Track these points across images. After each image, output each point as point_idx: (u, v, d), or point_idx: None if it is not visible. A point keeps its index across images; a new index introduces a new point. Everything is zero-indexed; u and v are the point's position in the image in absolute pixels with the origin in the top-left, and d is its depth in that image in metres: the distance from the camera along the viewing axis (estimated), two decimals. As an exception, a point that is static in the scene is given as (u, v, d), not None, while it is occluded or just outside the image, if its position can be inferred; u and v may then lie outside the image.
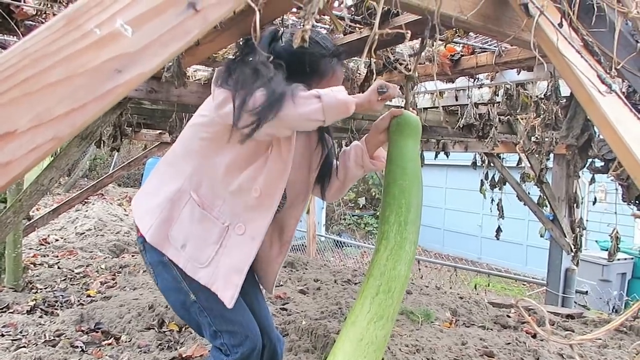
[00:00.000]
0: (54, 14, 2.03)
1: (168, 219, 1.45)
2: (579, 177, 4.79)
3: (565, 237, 4.67)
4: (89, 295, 3.80)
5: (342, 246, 9.92)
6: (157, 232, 1.45)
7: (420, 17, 1.28)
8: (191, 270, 1.44)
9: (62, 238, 6.40)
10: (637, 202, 1.58)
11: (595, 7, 1.12)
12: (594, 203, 5.13)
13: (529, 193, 5.03)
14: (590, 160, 2.39)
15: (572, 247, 4.66)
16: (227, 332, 1.49)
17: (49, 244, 5.87)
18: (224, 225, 1.43)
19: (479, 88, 3.39)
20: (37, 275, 4.21)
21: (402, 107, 1.53)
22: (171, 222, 1.45)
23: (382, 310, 1.24)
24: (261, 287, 1.76)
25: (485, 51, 2.45)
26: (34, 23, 2.13)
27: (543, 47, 1.08)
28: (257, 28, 0.80)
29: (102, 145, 4.41)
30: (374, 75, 2.39)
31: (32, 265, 4.57)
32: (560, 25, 1.06)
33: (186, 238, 1.44)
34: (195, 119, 1.48)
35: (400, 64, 2.38)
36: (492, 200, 5.27)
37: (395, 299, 1.26)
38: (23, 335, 2.88)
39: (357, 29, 2.01)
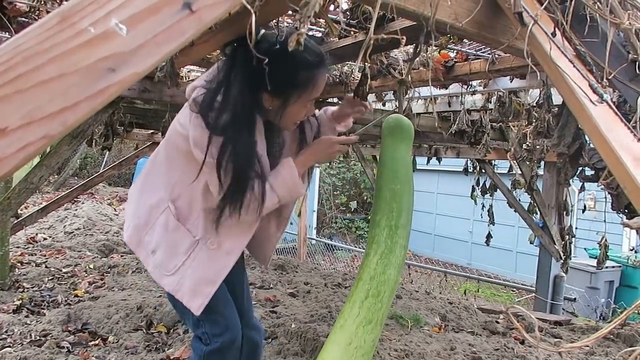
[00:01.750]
0: (48, 11, 2.02)
1: (145, 224, 1.51)
2: (569, 185, 4.81)
3: (555, 244, 4.69)
4: (76, 295, 3.76)
5: (333, 250, 9.92)
6: (133, 234, 1.53)
7: (415, 23, 1.28)
8: (157, 276, 1.49)
9: (50, 237, 6.33)
10: (626, 210, 1.59)
11: (588, 17, 1.13)
12: (583, 211, 5.17)
13: (519, 200, 5.06)
14: (580, 168, 2.41)
15: (561, 254, 4.69)
16: (209, 320, 1.53)
17: (37, 242, 5.80)
18: (195, 239, 1.46)
19: (471, 95, 3.41)
20: (24, 274, 4.16)
21: (396, 112, 1.53)
22: (146, 228, 1.51)
23: (371, 314, 1.24)
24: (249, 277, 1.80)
25: (479, 58, 2.47)
26: (27, 20, 2.11)
27: (536, 56, 1.09)
28: (252, 31, 0.80)
29: (93, 144, 4.37)
30: (368, 80, 2.39)
31: (19, 264, 4.52)
32: (554, 34, 1.07)
33: (157, 245, 1.48)
34: (174, 130, 1.43)
35: (394, 69, 2.39)
36: (483, 206, 5.29)
37: (384, 303, 1.26)
38: (8, 335, 2.84)
39: (352, 33, 2.02)
